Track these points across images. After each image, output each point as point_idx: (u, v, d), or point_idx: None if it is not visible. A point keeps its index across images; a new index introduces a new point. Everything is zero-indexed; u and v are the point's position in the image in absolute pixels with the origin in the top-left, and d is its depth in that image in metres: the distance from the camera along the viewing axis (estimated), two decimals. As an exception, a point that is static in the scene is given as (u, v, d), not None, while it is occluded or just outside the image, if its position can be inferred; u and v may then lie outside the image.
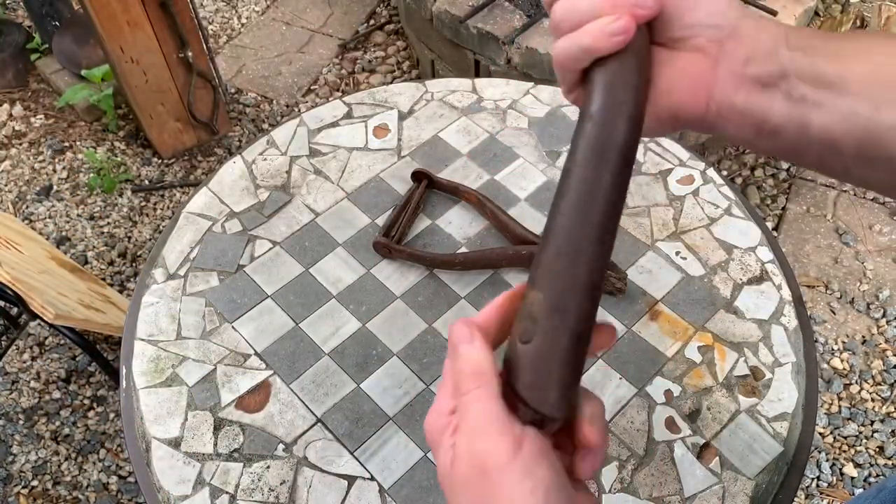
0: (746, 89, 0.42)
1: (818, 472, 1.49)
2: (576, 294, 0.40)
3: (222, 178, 0.99)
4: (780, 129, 0.42)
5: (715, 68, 0.42)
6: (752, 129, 0.43)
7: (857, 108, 0.39)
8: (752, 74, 0.41)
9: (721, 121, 0.43)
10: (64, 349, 1.70)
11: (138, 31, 1.74)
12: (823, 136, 0.40)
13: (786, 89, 0.41)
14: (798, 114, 0.41)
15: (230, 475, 0.75)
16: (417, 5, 1.94)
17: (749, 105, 0.42)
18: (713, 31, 0.42)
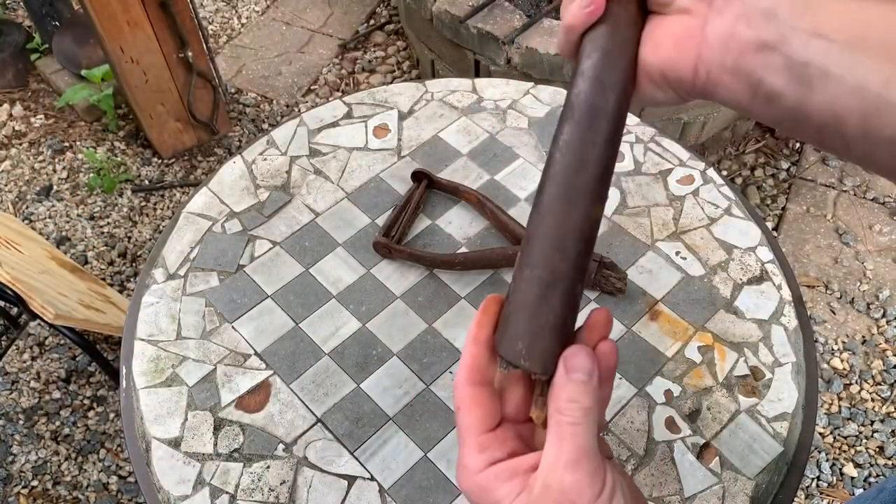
0: (738, 51, 0.39)
1: (818, 472, 1.49)
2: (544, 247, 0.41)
3: (222, 178, 0.99)
4: (777, 95, 0.39)
5: (703, 28, 0.40)
6: (746, 92, 0.40)
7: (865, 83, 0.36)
8: (745, 37, 0.39)
9: (711, 84, 0.41)
10: (64, 349, 1.70)
11: (138, 31, 1.74)
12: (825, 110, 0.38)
13: (785, 54, 0.38)
14: (798, 82, 0.38)
15: (230, 475, 0.75)
16: (417, 5, 1.94)
17: (741, 67, 0.40)
18: None
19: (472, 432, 0.42)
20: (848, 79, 0.37)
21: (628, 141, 1.01)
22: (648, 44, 0.43)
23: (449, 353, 0.83)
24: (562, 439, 0.39)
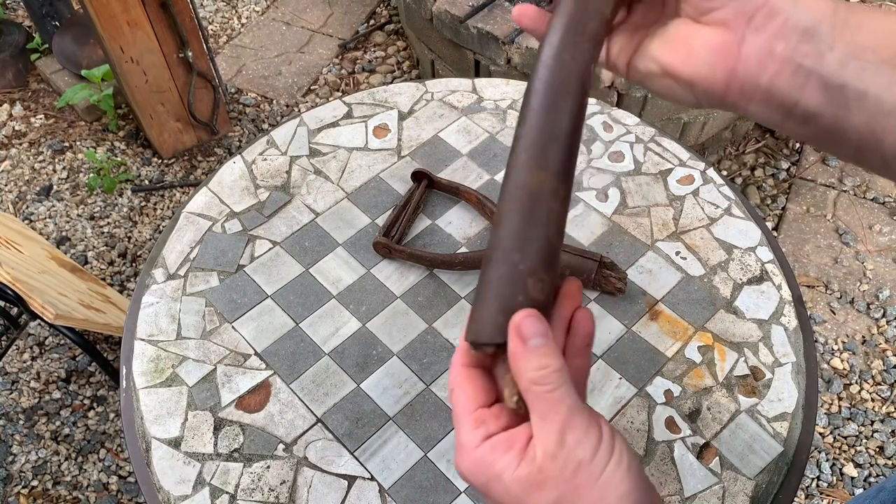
0: (775, 69, 0.39)
1: (818, 472, 1.49)
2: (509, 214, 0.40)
3: (222, 178, 0.99)
4: (812, 116, 0.39)
5: (741, 44, 0.39)
6: (780, 112, 0.40)
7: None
8: (783, 54, 0.38)
9: (744, 100, 0.41)
10: (64, 349, 1.70)
11: (138, 31, 1.74)
12: (863, 130, 0.37)
13: (822, 75, 0.37)
14: (836, 103, 0.38)
15: (230, 475, 0.75)
16: (417, 5, 1.94)
17: (777, 87, 0.39)
18: (738, 5, 0.39)
19: (466, 410, 0.41)
20: (886, 98, 0.36)
21: (628, 141, 1.01)
22: (681, 51, 0.42)
23: (449, 353, 0.83)
24: (548, 407, 0.38)
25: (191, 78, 1.89)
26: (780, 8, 0.38)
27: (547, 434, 0.38)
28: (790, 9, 0.38)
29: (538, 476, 0.38)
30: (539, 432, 0.39)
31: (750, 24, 0.39)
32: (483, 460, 0.40)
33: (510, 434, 0.40)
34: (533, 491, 0.38)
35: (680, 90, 0.43)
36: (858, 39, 0.37)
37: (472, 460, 0.40)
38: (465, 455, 0.40)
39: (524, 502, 0.39)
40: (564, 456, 0.38)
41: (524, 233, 0.39)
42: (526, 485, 0.38)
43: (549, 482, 0.38)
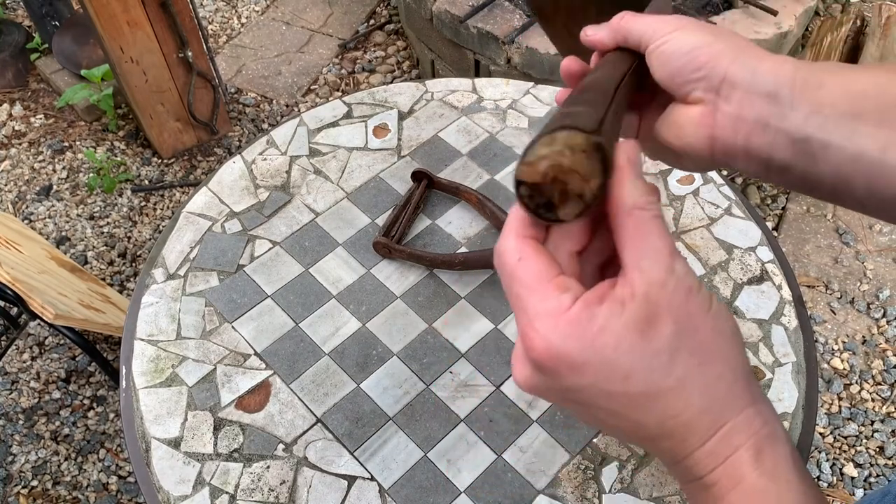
0: (746, 131, 0.43)
1: (818, 473, 1.49)
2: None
3: (222, 178, 0.99)
4: (786, 168, 0.43)
5: (715, 113, 0.45)
6: (761, 166, 0.44)
7: (864, 150, 0.40)
8: (751, 117, 0.43)
9: (728, 159, 0.46)
10: (64, 349, 1.70)
11: (138, 31, 1.74)
12: (833, 176, 0.41)
13: (788, 130, 0.42)
14: (803, 155, 0.42)
15: (230, 475, 0.74)
16: (417, 5, 1.94)
17: (752, 145, 0.44)
18: (704, 83, 0.44)
19: (545, 277, 0.37)
20: (848, 147, 0.40)
21: (628, 141, 1.01)
22: (673, 128, 0.47)
23: (449, 353, 0.83)
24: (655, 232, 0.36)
25: (191, 78, 1.89)
26: (738, 79, 0.43)
27: (653, 261, 0.35)
28: (749, 78, 0.43)
29: (649, 309, 0.35)
30: (641, 262, 0.36)
31: (719, 95, 0.44)
32: (579, 319, 0.35)
33: (595, 289, 0.37)
34: (649, 328, 0.35)
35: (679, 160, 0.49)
36: (819, 97, 0.41)
37: (566, 324, 0.35)
38: (555, 321, 0.35)
39: (644, 347, 0.35)
40: (675, 282, 0.35)
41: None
42: (639, 323, 0.35)
43: (662, 313, 0.35)
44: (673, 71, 0.46)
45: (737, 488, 0.37)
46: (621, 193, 0.37)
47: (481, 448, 0.76)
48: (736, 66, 0.44)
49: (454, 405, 0.79)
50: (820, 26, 2.09)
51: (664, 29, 0.46)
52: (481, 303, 0.86)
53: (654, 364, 0.35)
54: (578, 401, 0.38)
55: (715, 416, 0.37)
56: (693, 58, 0.45)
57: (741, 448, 0.37)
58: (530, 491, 0.74)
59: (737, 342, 0.38)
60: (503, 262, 0.38)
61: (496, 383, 0.80)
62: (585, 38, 0.51)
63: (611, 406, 0.37)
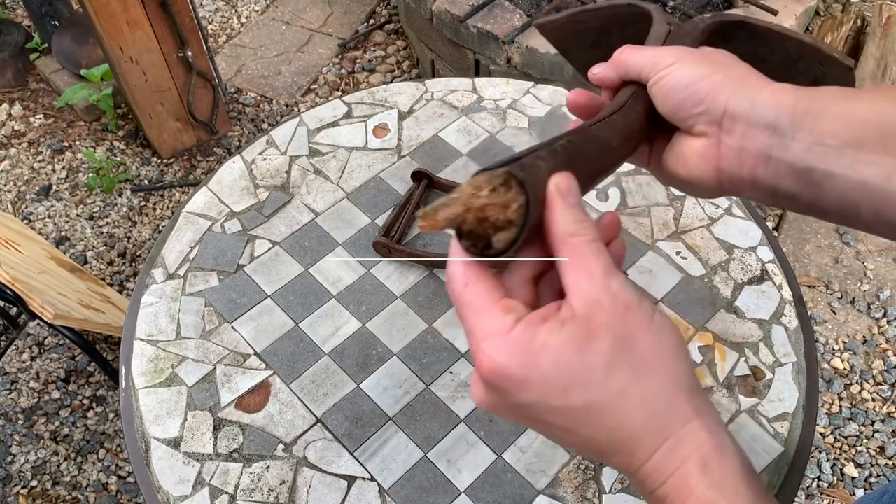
0: (751, 163, 0.44)
1: (819, 473, 1.49)
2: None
3: (222, 178, 0.99)
4: (793, 196, 0.44)
5: (719, 146, 0.45)
6: (768, 195, 0.45)
7: (867, 179, 0.40)
8: (753, 149, 0.44)
9: (736, 189, 0.47)
10: (63, 349, 1.70)
11: (138, 31, 1.74)
12: (839, 203, 0.42)
13: (790, 161, 0.42)
14: (808, 185, 0.42)
15: (230, 475, 0.74)
16: (417, 5, 1.94)
17: (757, 176, 0.44)
18: (706, 117, 0.45)
19: (490, 300, 0.39)
20: (852, 177, 0.41)
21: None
22: (680, 159, 0.48)
23: (449, 353, 0.82)
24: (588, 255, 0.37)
25: (190, 77, 1.89)
26: (739, 112, 0.44)
27: (589, 281, 0.37)
28: (749, 110, 0.43)
29: (587, 327, 0.36)
30: (578, 284, 0.37)
31: (721, 128, 0.45)
32: (521, 338, 0.37)
33: (540, 311, 0.38)
34: (586, 344, 0.36)
35: (688, 188, 0.50)
36: (820, 127, 0.41)
37: (510, 343, 0.37)
38: (498, 342, 0.37)
39: (580, 362, 0.36)
40: (610, 300, 0.37)
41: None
42: (577, 341, 0.36)
43: (600, 329, 0.36)
44: (674, 105, 0.46)
45: (687, 501, 0.37)
46: (554, 223, 0.39)
47: (481, 448, 0.76)
48: (736, 98, 0.44)
49: (454, 405, 0.79)
50: (820, 26, 2.09)
51: (662, 62, 0.47)
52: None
53: (592, 379, 0.36)
54: (529, 417, 0.39)
55: (657, 428, 0.37)
56: (692, 92, 0.45)
57: (688, 461, 0.37)
58: (530, 491, 0.73)
59: (679, 356, 0.38)
60: (451, 288, 0.41)
61: (496, 383, 0.80)
62: (592, 77, 0.52)
63: (558, 421, 0.38)
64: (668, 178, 0.51)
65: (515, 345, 0.37)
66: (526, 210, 0.38)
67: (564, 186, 0.39)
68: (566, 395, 0.37)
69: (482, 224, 0.39)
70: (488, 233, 0.39)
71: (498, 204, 0.38)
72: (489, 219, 0.38)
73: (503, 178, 0.38)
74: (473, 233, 0.39)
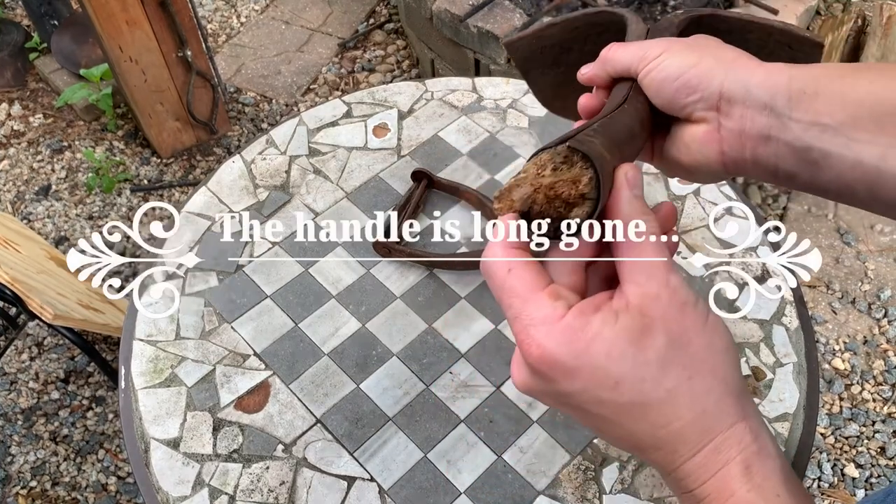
0: (751, 144, 0.45)
1: (819, 473, 1.49)
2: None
3: (221, 178, 0.99)
4: (793, 175, 0.44)
5: (719, 129, 0.46)
6: (770, 174, 0.46)
7: (862, 157, 0.41)
8: (753, 130, 0.44)
9: (740, 170, 0.47)
10: (63, 349, 1.70)
11: (137, 31, 1.74)
12: (836, 182, 0.43)
13: (789, 141, 0.43)
14: (806, 164, 0.43)
15: (229, 476, 0.74)
16: (417, 4, 1.94)
17: (759, 156, 0.45)
18: (702, 103, 0.45)
19: (535, 287, 0.37)
20: (847, 156, 0.41)
21: (629, 140, 1.01)
22: (681, 147, 0.48)
23: (449, 354, 0.82)
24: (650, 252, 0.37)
25: (190, 77, 1.89)
26: (734, 95, 0.44)
27: (648, 277, 0.37)
28: (744, 92, 0.44)
29: (642, 321, 0.36)
30: (637, 275, 0.37)
31: (720, 112, 0.45)
32: (573, 326, 0.36)
33: (592, 299, 0.38)
34: (641, 339, 0.36)
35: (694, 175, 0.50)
36: (816, 106, 0.42)
37: (560, 331, 0.36)
38: (549, 328, 0.36)
39: (634, 356, 0.36)
40: (669, 295, 0.36)
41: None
42: (632, 333, 0.36)
43: (655, 325, 0.36)
44: (669, 97, 0.47)
45: (727, 503, 0.37)
46: (620, 213, 0.38)
47: (481, 449, 0.76)
48: (729, 81, 0.44)
49: (454, 405, 0.79)
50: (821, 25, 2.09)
51: (649, 54, 0.47)
52: (481, 303, 0.86)
53: (645, 374, 0.36)
54: (573, 405, 0.38)
55: (704, 428, 0.37)
56: (685, 82, 0.45)
57: (731, 462, 0.37)
58: (530, 492, 0.73)
59: (730, 358, 0.38)
60: (493, 275, 0.39)
61: (496, 384, 0.80)
62: (582, 78, 0.52)
63: (602, 412, 0.37)
64: (673, 167, 0.51)
65: (566, 333, 0.36)
66: (598, 182, 0.37)
67: (632, 176, 0.39)
68: (616, 387, 0.36)
69: (552, 203, 0.38)
70: (560, 212, 0.38)
71: (567, 180, 0.37)
72: (560, 196, 0.38)
73: (564, 155, 0.37)
74: (544, 212, 0.38)
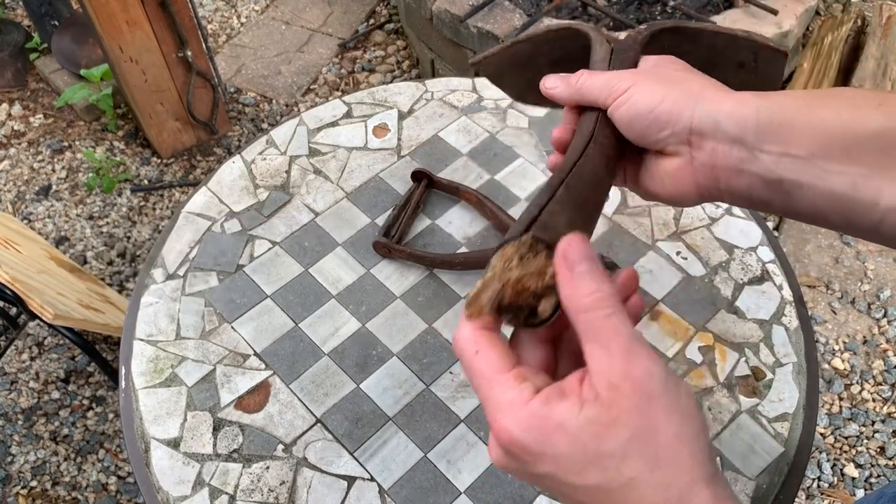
0: (724, 176, 0.45)
1: (819, 473, 1.49)
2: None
3: (221, 178, 0.99)
4: (767, 203, 0.45)
5: (692, 162, 0.46)
6: (744, 202, 0.47)
7: (833, 187, 0.41)
8: (724, 163, 0.44)
9: (714, 198, 0.48)
10: (63, 349, 1.70)
11: (137, 31, 1.74)
12: (810, 209, 0.43)
13: (760, 173, 0.43)
14: (779, 194, 0.44)
15: (229, 476, 0.74)
16: (417, 4, 1.94)
17: (732, 187, 0.45)
18: (674, 138, 0.46)
19: (501, 369, 0.38)
20: (819, 186, 0.42)
21: (629, 140, 1.01)
22: (656, 179, 0.49)
23: (449, 354, 0.82)
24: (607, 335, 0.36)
25: (190, 77, 1.89)
26: (704, 129, 0.44)
27: (610, 365, 0.36)
28: (713, 126, 0.44)
29: (608, 413, 0.35)
30: (599, 365, 0.36)
31: (692, 146, 0.45)
32: (538, 414, 0.36)
33: (559, 384, 0.37)
34: (604, 431, 0.35)
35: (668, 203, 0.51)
36: (785, 138, 0.42)
37: (525, 416, 0.36)
38: (514, 413, 0.36)
39: (595, 449, 0.36)
40: (632, 387, 0.35)
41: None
42: (596, 426, 0.35)
43: (621, 418, 0.35)
44: (640, 132, 0.47)
45: None
46: (566, 299, 0.37)
47: (481, 448, 0.76)
48: (698, 115, 0.44)
49: (454, 405, 0.79)
50: (821, 26, 2.09)
51: (618, 87, 0.47)
52: (481, 303, 0.86)
53: (607, 464, 0.36)
54: (545, 485, 0.39)
55: None
56: (655, 118, 0.45)
57: None
58: (530, 491, 0.73)
59: (700, 444, 0.37)
60: (461, 355, 0.40)
61: (496, 384, 0.80)
62: (545, 91, 0.51)
63: (574, 495, 0.38)
64: (647, 195, 0.52)
65: (531, 420, 0.36)
66: None
67: (573, 254, 0.37)
68: (581, 474, 0.36)
69: (522, 295, 0.38)
70: (530, 302, 0.38)
71: (533, 273, 0.38)
72: (529, 289, 0.38)
73: (529, 244, 0.38)
74: (514, 305, 0.38)
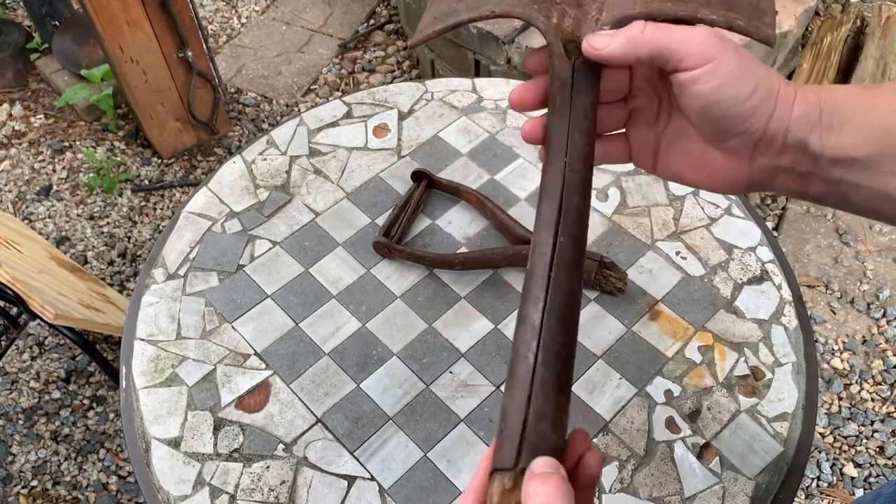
0: (783, 176, 0.46)
1: (818, 472, 1.49)
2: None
3: (222, 178, 0.99)
4: (822, 198, 0.47)
5: (751, 163, 0.46)
6: (797, 195, 0.48)
7: (889, 189, 0.43)
8: (785, 166, 0.45)
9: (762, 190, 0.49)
10: (63, 349, 1.70)
11: (138, 31, 1.74)
12: (864, 205, 0.45)
13: (820, 175, 0.45)
14: (836, 193, 0.45)
15: (230, 475, 0.74)
16: (417, 5, 1.94)
17: (787, 185, 0.47)
18: (743, 139, 0.45)
19: None
20: (875, 187, 0.44)
21: (628, 141, 1.01)
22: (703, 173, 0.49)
23: (449, 353, 0.82)
24: None
25: (190, 78, 1.89)
26: (775, 134, 0.44)
27: None
28: (784, 131, 0.44)
29: None
30: None
31: (756, 148, 0.45)
32: None
33: None
34: None
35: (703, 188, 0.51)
36: (842, 142, 0.43)
37: None
38: None
39: None
40: None
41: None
42: None
43: None
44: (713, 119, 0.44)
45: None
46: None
47: (481, 448, 0.76)
48: (775, 121, 0.44)
49: (454, 405, 0.79)
50: (820, 26, 2.09)
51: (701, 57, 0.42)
52: (481, 303, 0.86)
53: None
54: None
55: None
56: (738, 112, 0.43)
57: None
58: (530, 491, 0.73)
59: None
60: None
61: (496, 383, 0.80)
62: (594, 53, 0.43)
63: None
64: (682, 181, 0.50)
65: None
66: None
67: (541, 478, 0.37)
68: None
69: None
70: None
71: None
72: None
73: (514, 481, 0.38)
74: None
